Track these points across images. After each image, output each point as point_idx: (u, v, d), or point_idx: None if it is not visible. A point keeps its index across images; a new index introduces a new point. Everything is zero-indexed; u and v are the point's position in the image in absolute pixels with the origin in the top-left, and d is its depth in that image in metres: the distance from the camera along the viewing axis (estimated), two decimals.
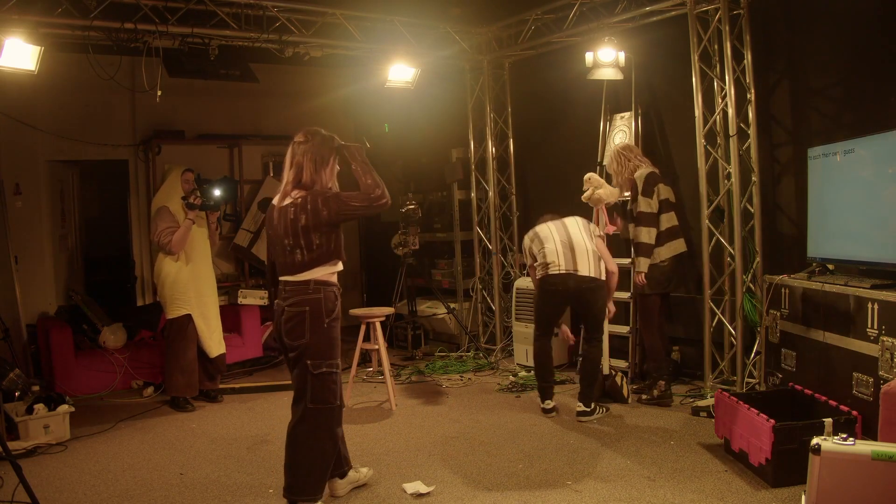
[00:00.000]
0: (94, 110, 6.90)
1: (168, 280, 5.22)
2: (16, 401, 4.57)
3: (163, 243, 5.17)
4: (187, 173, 5.40)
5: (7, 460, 3.15)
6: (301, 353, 3.21)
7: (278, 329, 3.30)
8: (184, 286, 5.24)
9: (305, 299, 3.20)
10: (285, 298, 3.25)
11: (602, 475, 3.67)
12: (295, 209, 3.19)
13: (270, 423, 4.87)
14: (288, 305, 3.22)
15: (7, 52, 4.52)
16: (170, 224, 5.18)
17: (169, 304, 5.27)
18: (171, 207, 5.24)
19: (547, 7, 5.84)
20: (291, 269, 3.23)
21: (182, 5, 5.04)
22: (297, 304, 3.20)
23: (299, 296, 3.21)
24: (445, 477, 3.73)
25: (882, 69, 4.26)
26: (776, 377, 4.41)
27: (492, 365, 6.28)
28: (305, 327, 3.19)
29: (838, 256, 4.11)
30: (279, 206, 3.29)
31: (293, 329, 3.20)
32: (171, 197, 5.29)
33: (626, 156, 4.98)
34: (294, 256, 3.21)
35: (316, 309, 3.20)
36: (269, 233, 3.37)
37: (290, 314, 3.21)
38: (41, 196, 6.82)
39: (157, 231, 5.19)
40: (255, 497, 3.57)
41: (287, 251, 3.23)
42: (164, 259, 5.25)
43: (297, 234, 3.19)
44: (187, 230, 5.20)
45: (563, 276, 4.59)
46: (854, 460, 2.67)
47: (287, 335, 3.23)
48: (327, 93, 8.03)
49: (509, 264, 6.90)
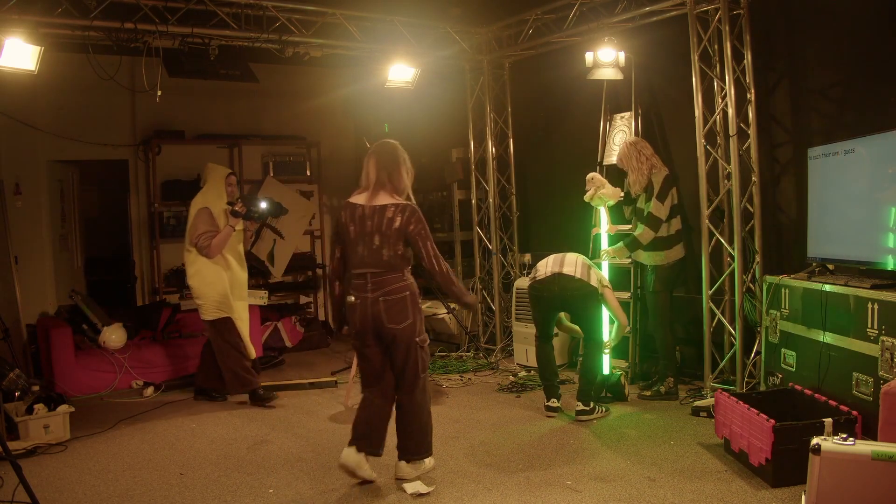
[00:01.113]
0: (94, 110, 6.91)
1: (210, 283, 5.17)
2: (16, 401, 4.57)
3: (201, 246, 5.11)
4: (231, 177, 5.34)
5: (7, 460, 3.15)
6: (404, 333, 3.57)
7: (367, 316, 3.56)
8: (226, 290, 5.21)
9: (404, 286, 3.59)
10: (374, 290, 3.55)
11: (602, 475, 3.67)
12: (394, 210, 3.56)
13: (270, 423, 4.87)
14: (384, 295, 3.55)
15: (7, 52, 4.51)
16: (209, 228, 5.12)
17: (210, 306, 5.20)
18: (213, 210, 5.19)
19: (547, 7, 5.83)
20: (378, 265, 3.55)
21: (182, 5, 5.04)
22: (397, 292, 3.57)
23: (395, 284, 3.57)
24: (445, 477, 3.73)
25: (882, 69, 4.26)
26: (776, 377, 4.41)
27: (492, 365, 6.28)
28: (409, 310, 3.58)
29: (838, 256, 4.11)
30: (370, 204, 3.60)
31: (398, 313, 3.56)
32: (213, 199, 5.22)
33: (643, 152, 5.00)
34: (381, 254, 3.55)
35: (413, 293, 3.63)
36: (351, 227, 3.60)
37: (393, 301, 3.55)
38: (41, 196, 6.83)
39: (196, 233, 5.13)
40: (255, 497, 3.57)
41: (374, 248, 3.55)
42: (203, 262, 5.17)
43: (390, 234, 3.54)
44: (228, 236, 5.16)
45: (548, 280, 4.62)
46: (854, 460, 2.67)
47: (390, 320, 3.55)
48: (327, 93, 8.03)
49: (509, 264, 6.90)
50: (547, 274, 4.64)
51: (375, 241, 3.55)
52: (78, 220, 7.71)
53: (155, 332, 6.60)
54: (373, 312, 3.56)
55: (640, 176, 4.98)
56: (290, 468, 3.96)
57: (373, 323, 3.57)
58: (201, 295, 5.21)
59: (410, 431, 3.68)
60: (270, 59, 6.15)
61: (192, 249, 5.20)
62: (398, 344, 3.59)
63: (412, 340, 3.59)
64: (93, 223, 8.46)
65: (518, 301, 6.20)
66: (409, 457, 3.68)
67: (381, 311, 3.55)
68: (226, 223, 5.17)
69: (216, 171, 5.37)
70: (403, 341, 3.58)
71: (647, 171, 4.95)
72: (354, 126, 8.60)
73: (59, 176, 7.19)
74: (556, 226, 6.72)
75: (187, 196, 7.27)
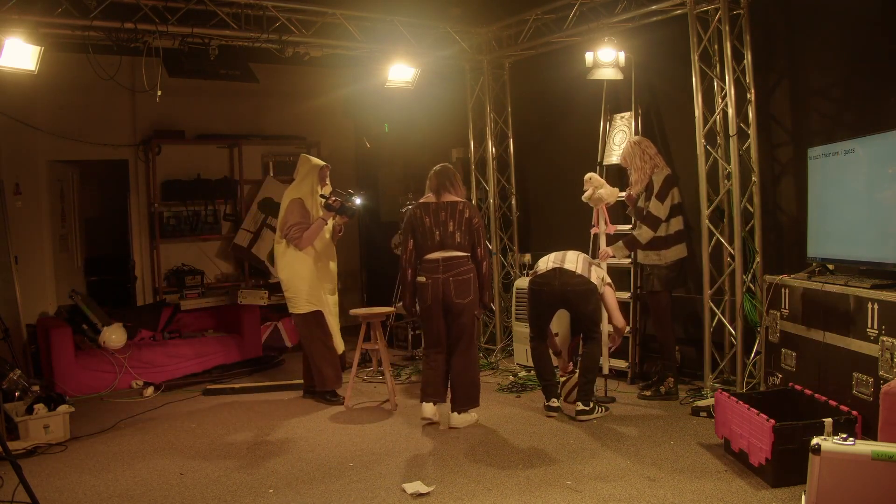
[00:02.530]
0: (94, 110, 6.91)
1: (301, 276, 5.13)
2: (16, 401, 4.57)
3: (292, 237, 5.07)
4: (325, 169, 5.26)
5: (7, 460, 3.15)
6: (468, 307, 4.49)
7: (438, 293, 4.47)
8: (318, 283, 5.17)
9: (469, 268, 4.51)
10: (447, 271, 4.47)
11: (602, 475, 3.67)
12: (463, 205, 4.55)
13: (270, 422, 4.87)
14: (454, 276, 4.47)
15: (7, 52, 4.51)
16: (300, 220, 5.08)
17: (301, 300, 5.15)
18: (305, 202, 5.15)
19: (547, 7, 5.84)
20: (451, 247, 4.49)
21: (182, 5, 5.04)
22: (464, 273, 4.48)
23: (462, 267, 4.49)
24: (445, 477, 3.73)
25: (882, 69, 4.26)
26: (776, 377, 4.41)
27: (492, 365, 6.27)
28: (472, 288, 4.50)
29: (838, 256, 4.11)
30: (441, 201, 4.56)
31: (464, 291, 4.47)
32: (306, 192, 5.17)
33: (647, 151, 4.99)
34: (455, 237, 4.49)
35: (475, 276, 4.52)
36: (427, 219, 4.53)
37: (460, 281, 4.47)
38: (41, 196, 6.83)
39: (287, 224, 5.09)
40: (256, 497, 3.57)
41: (449, 233, 4.49)
42: (294, 254, 5.13)
43: (461, 222, 4.50)
44: (319, 229, 5.12)
45: (548, 274, 4.64)
46: (854, 460, 2.67)
47: (458, 296, 4.46)
48: (327, 93, 8.03)
49: (509, 264, 6.90)
50: (548, 268, 4.66)
51: (450, 227, 4.49)
52: (78, 220, 7.71)
53: (155, 332, 6.60)
54: (444, 290, 4.46)
55: (642, 175, 4.98)
56: (290, 468, 3.96)
57: (442, 298, 4.47)
58: (291, 287, 5.17)
59: (461, 384, 4.53)
60: (270, 59, 6.15)
61: (283, 241, 5.17)
62: (463, 315, 4.48)
63: (472, 312, 4.52)
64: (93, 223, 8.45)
65: (518, 301, 6.20)
66: (460, 408, 4.54)
67: (451, 288, 4.45)
68: (318, 216, 5.14)
69: (309, 162, 5.28)
70: (467, 313, 4.49)
71: (650, 170, 4.95)
72: (354, 126, 8.60)
73: (59, 176, 7.18)
74: (556, 226, 6.72)
75: (187, 196, 7.36)
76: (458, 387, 4.55)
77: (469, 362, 4.57)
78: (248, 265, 7.64)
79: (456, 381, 4.56)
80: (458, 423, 4.54)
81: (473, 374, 4.60)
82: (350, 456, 4.12)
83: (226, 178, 7.65)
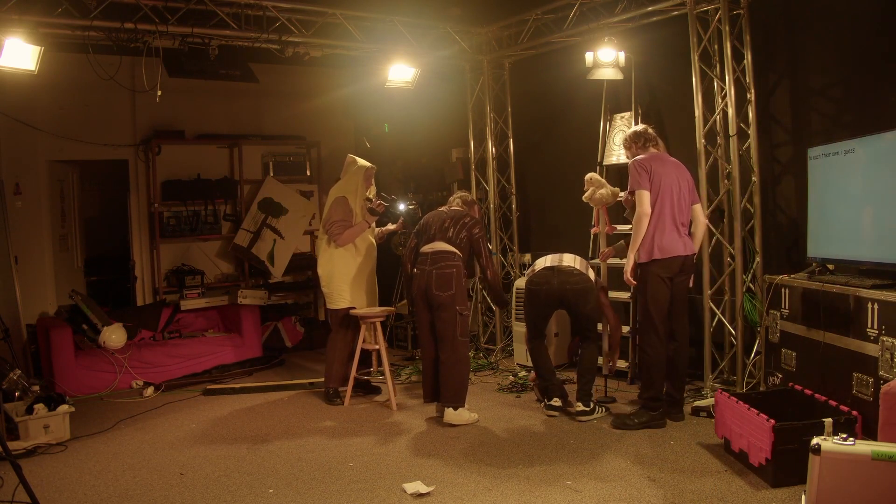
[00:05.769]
0: (94, 110, 6.90)
1: (340, 273, 5.20)
2: (16, 401, 4.57)
3: (333, 233, 5.17)
4: (371, 171, 5.35)
5: (7, 460, 3.15)
6: (448, 302, 4.54)
7: (422, 285, 4.61)
8: (357, 282, 5.24)
9: (453, 264, 4.61)
10: (432, 264, 4.59)
11: (602, 475, 3.67)
12: (469, 217, 4.79)
13: (270, 423, 4.87)
14: (437, 268, 4.57)
15: (7, 52, 4.52)
16: (343, 217, 5.18)
17: (338, 296, 5.23)
18: (350, 201, 5.23)
19: (547, 7, 5.84)
20: (442, 240, 4.65)
21: (182, 5, 5.04)
22: (447, 268, 4.58)
23: (447, 261, 4.60)
24: (445, 477, 3.73)
25: (882, 69, 4.26)
26: (776, 377, 4.41)
27: (492, 365, 6.27)
28: (453, 283, 4.57)
29: (838, 256, 4.11)
30: (450, 209, 4.89)
31: (444, 284, 4.55)
32: (352, 192, 5.26)
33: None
34: (448, 232, 4.68)
35: (459, 273, 4.61)
36: (429, 220, 4.81)
37: (441, 274, 4.56)
38: (41, 196, 6.82)
39: (330, 220, 5.19)
40: (255, 497, 3.57)
41: (444, 228, 4.69)
42: (334, 251, 5.22)
43: (461, 228, 4.71)
44: (361, 231, 5.23)
45: (546, 273, 4.65)
46: (854, 460, 2.67)
47: (437, 288, 4.54)
48: (327, 93, 8.03)
49: (509, 264, 6.90)
50: (546, 266, 4.66)
51: (446, 225, 4.71)
52: (78, 219, 7.70)
53: (155, 332, 6.60)
54: (426, 282, 4.57)
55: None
56: (290, 468, 3.96)
57: (425, 290, 4.58)
58: (329, 283, 5.25)
59: (445, 381, 4.59)
60: (270, 59, 6.15)
61: (325, 237, 5.27)
62: (443, 309, 4.54)
63: (454, 308, 4.54)
64: (93, 223, 8.44)
65: (518, 301, 6.19)
66: (447, 404, 4.58)
67: (433, 280, 4.55)
68: (362, 217, 5.23)
69: (356, 163, 5.36)
70: (448, 308, 4.53)
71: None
72: (354, 126, 8.59)
73: (59, 176, 7.18)
74: (556, 226, 6.72)
75: (187, 196, 7.36)
76: (443, 383, 4.60)
77: (455, 359, 4.58)
78: (248, 265, 7.64)
79: (441, 378, 4.61)
80: (451, 419, 4.57)
81: (459, 372, 4.59)
82: (350, 456, 4.12)
83: (226, 178, 7.65)
